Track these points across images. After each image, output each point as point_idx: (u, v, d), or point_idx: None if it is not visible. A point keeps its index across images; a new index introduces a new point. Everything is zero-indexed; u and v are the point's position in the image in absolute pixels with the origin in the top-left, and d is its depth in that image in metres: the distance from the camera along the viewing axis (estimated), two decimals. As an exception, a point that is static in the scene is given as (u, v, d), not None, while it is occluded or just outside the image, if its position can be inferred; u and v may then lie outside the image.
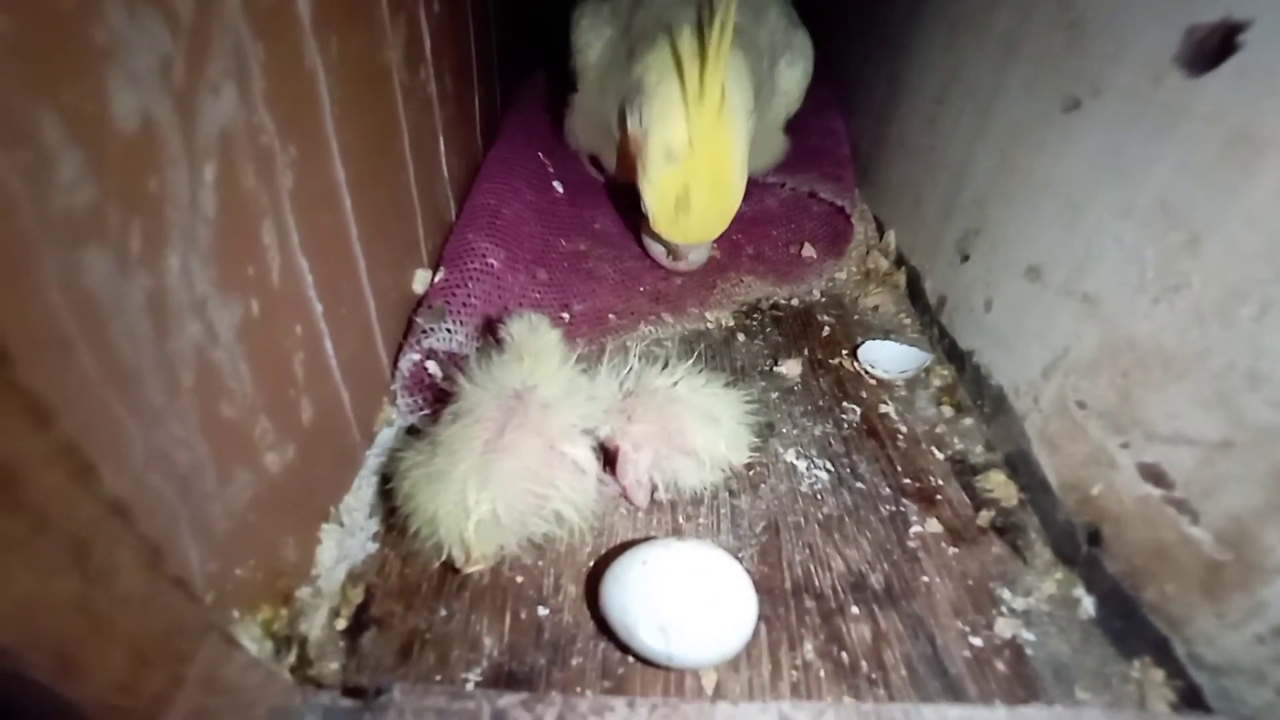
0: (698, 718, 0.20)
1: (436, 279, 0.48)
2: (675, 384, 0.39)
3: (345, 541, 0.35)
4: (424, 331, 0.43)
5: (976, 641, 0.33)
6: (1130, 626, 0.32)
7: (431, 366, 0.44)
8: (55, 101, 0.17)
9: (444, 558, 0.33)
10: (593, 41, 0.57)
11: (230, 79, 0.24)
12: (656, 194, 0.47)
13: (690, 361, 0.41)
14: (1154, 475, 0.31)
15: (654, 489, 0.38)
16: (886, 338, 0.54)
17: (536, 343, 0.37)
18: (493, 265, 0.52)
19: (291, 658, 0.28)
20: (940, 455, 0.45)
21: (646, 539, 0.33)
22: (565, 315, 0.56)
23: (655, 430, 0.37)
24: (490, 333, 0.39)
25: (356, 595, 0.33)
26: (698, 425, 0.37)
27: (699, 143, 0.46)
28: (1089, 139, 0.37)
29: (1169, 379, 0.31)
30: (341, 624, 0.32)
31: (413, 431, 0.40)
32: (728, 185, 0.48)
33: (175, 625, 0.15)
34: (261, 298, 0.27)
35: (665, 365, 0.40)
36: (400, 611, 0.33)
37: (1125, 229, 0.34)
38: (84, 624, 0.12)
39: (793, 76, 0.62)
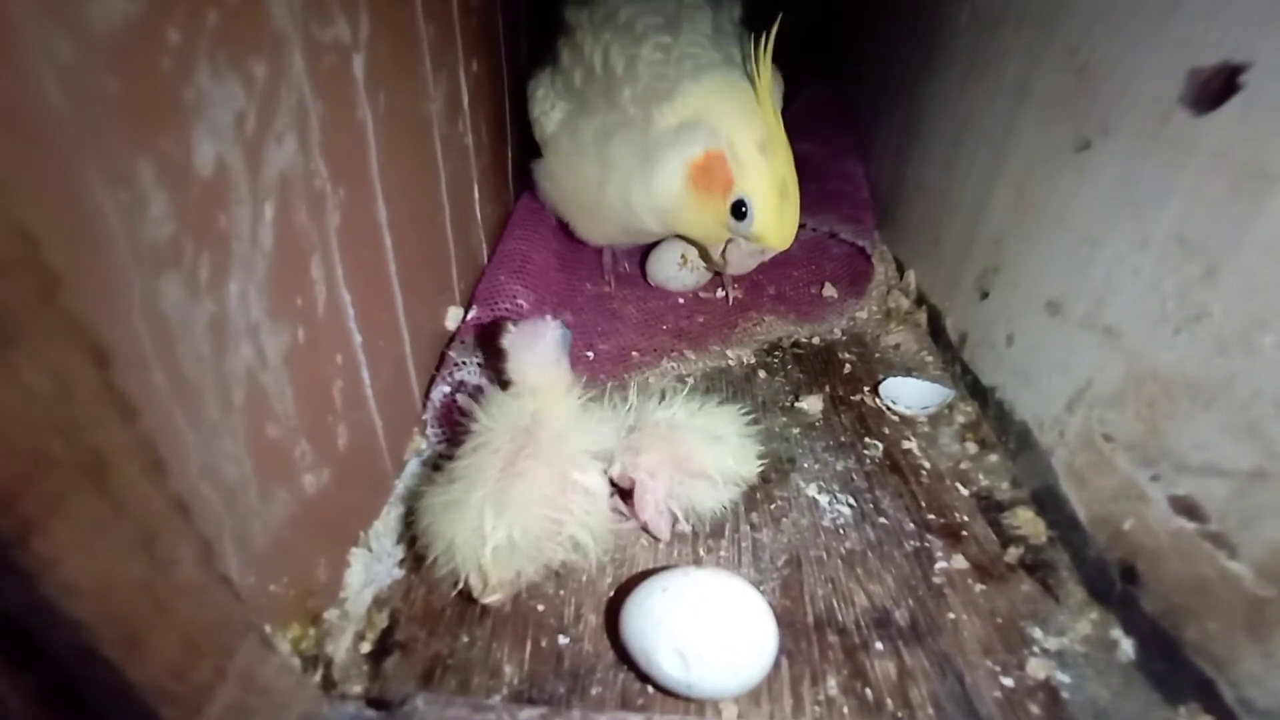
0: (715, 736, 0.20)
1: (469, 316, 0.50)
2: (673, 413, 0.39)
3: (373, 566, 0.36)
4: (456, 365, 0.45)
5: (1008, 682, 0.32)
6: (1173, 669, 0.31)
7: (461, 399, 0.46)
8: (151, 150, 0.19)
9: (461, 586, 0.33)
10: (549, 112, 0.59)
11: (292, 130, 0.27)
12: (766, 185, 0.49)
13: (685, 391, 0.42)
14: (1187, 508, 0.31)
15: (675, 520, 0.39)
16: (908, 375, 0.55)
17: (540, 374, 0.38)
18: (522, 306, 0.54)
19: (317, 677, 0.29)
20: (965, 491, 0.44)
21: (667, 568, 0.33)
22: (590, 354, 0.58)
23: (664, 458, 0.37)
24: (495, 357, 0.40)
25: (381, 620, 0.34)
26: (703, 446, 0.38)
27: (775, 139, 0.49)
28: (1102, 176, 0.38)
29: (1196, 409, 0.30)
30: (366, 647, 0.33)
31: (436, 467, 0.41)
32: (795, 180, 0.51)
33: (222, 619, 0.16)
34: (308, 327, 0.29)
35: (662, 398, 0.41)
36: (423, 637, 0.34)
37: (1143, 261, 0.34)
38: (149, 607, 0.14)
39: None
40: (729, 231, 0.51)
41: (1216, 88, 0.30)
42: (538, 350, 0.38)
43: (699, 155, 0.50)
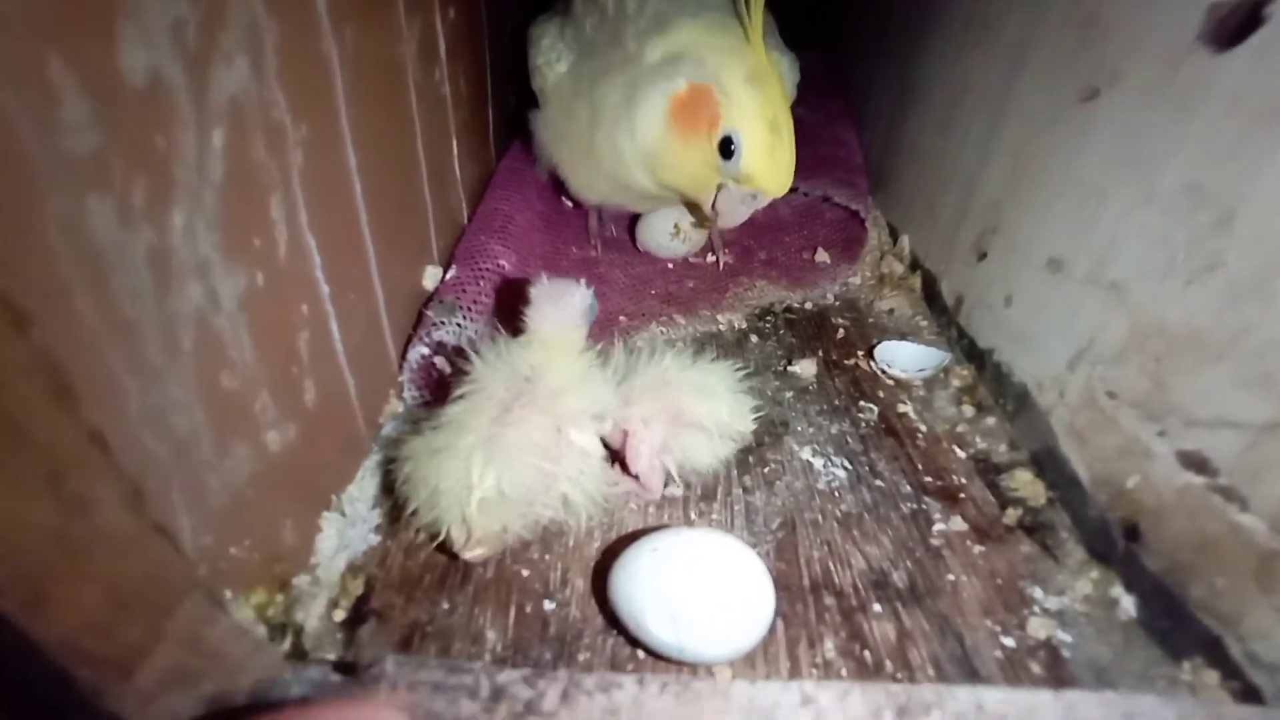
0: (711, 696, 0.18)
1: (448, 276, 0.48)
2: (664, 368, 0.37)
3: (346, 532, 0.34)
4: (434, 324, 0.43)
5: (1008, 641, 0.31)
6: (1177, 626, 0.30)
7: (440, 362, 0.44)
8: (62, 45, 0.16)
9: (442, 538, 0.32)
10: (553, 62, 0.56)
11: (243, 51, 0.24)
12: (753, 118, 0.45)
13: (675, 348, 0.40)
14: (1196, 463, 0.30)
15: (668, 476, 0.37)
16: (903, 339, 0.53)
17: (557, 329, 0.35)
18: (504, 266, 0.52)
19: (286, 645, 0.27)
20: (962, 454, 0.43)
21: (658, 528, 0.32)
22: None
23: (657, 409, 0.36)
24: (510, 308, 0.37)
25: (356, 587, 0.32)
26: (696, 400, 0.36)
27: (763, 76, 0.45)
28: (1108, 128, 0.37)
29: (1206, 361, 0.29)
30: (340, 615, 0.31)
31: (417, 423, 0.39)
32: (789, 121, 0.47)
33: (156, 574, 0.14)
34: (267, 270, 0.26)
35: (651, 354, 0.39)
36: (401, 604, 0.32)
37: (1150, 214, 0.33)
38: (57, 556, 0.12)
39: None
40: (718, 174, 0.46)
41: (1237, 22, 0.29)
42: (564, 306, 0.36)
43: (681, 88, 0.46)
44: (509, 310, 0.38)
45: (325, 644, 0.29)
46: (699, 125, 0.45)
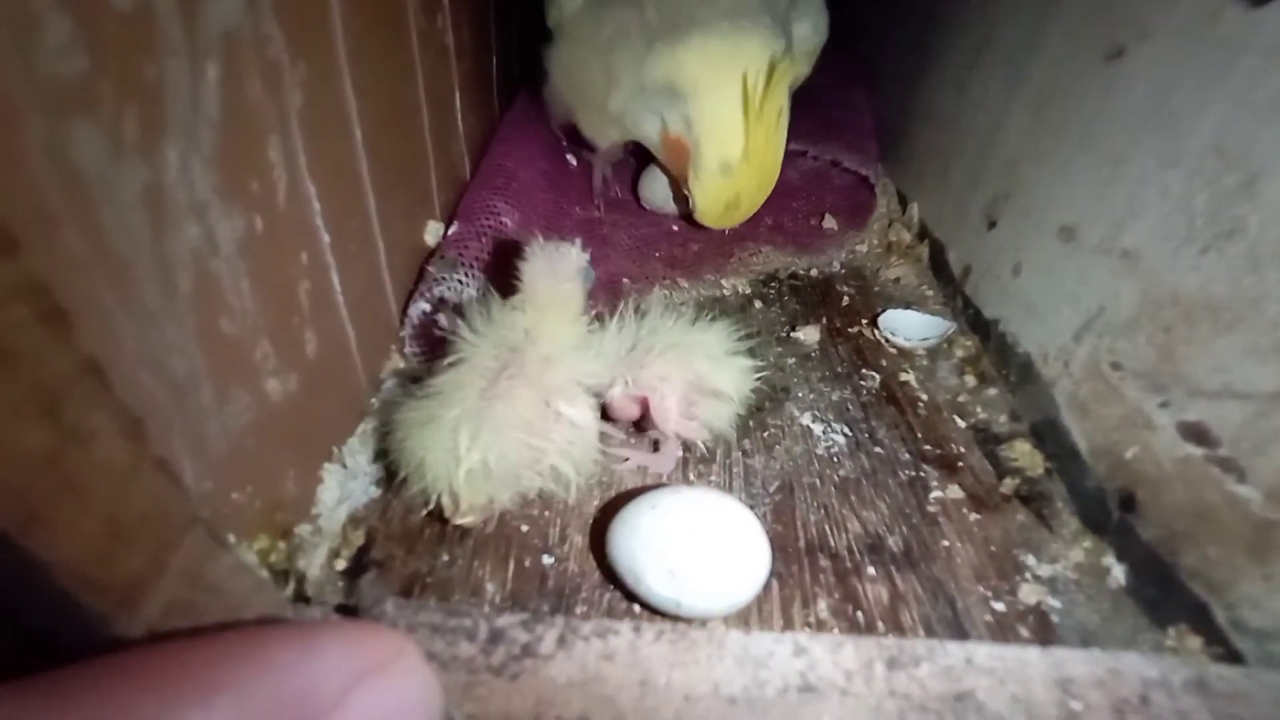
0: (706, 643, 0.19)
1: (450, 232, 0.47)
2: (669, 333, 0.37)
3: (348, 484, 0.34)
4: (435, 280, 0.42)
5: (999, 606, 0.32)
6: (1165, 594, 0.30)
7: (442, 319, 0.43)
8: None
9: (432, 506, 0.32)
10: None
11: (236, -20, 0.23)
12: (709, 201, 0.49)
13: (676, 312, 0.39)
14: (1196, 434, 0.29)
15: (690, 445, 0.37)
16: (908, 308, 0.53)
17: (551, 290, 0.34)
18: (506, 224, 0.51)
19: (288, 591, 0.28)
20: (962, 424, 0.43)
21: (657, 487, 0.32)
22: (578, 279, 0.55)
23: (673, 374, 0.36)
24: (504, 271, 0.37)
25: (357, 537, 0.33)
26: (710, 364, 0.36)
27: (754, 157, 0.47)
28: (1134, 88, 0.35)
29: (1218, 331, 0.29)
30: (341, 564, 0.31)
31: (415, 382, 0.39)
32: (772, 182, 0.51)
33: (157, 508, 0.14)
34: (266, 215, 0.26)
35: (654, 319, 0.38)
36: (401, 555, 0.32)
37: (1173, 178, 0.32)
38: (55, 482, 0.12)
39: (800, 34, 0.55)
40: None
41: (1277, -23, 0.28)
42: (559, 267, 0.35)
43: (669, 131, 0.49)
44: (504, 272, 0.37)
45: (326, 591, 0.30)
46: (682, 163, 0.50)
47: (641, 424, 0.39)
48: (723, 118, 0.46)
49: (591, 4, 0.54)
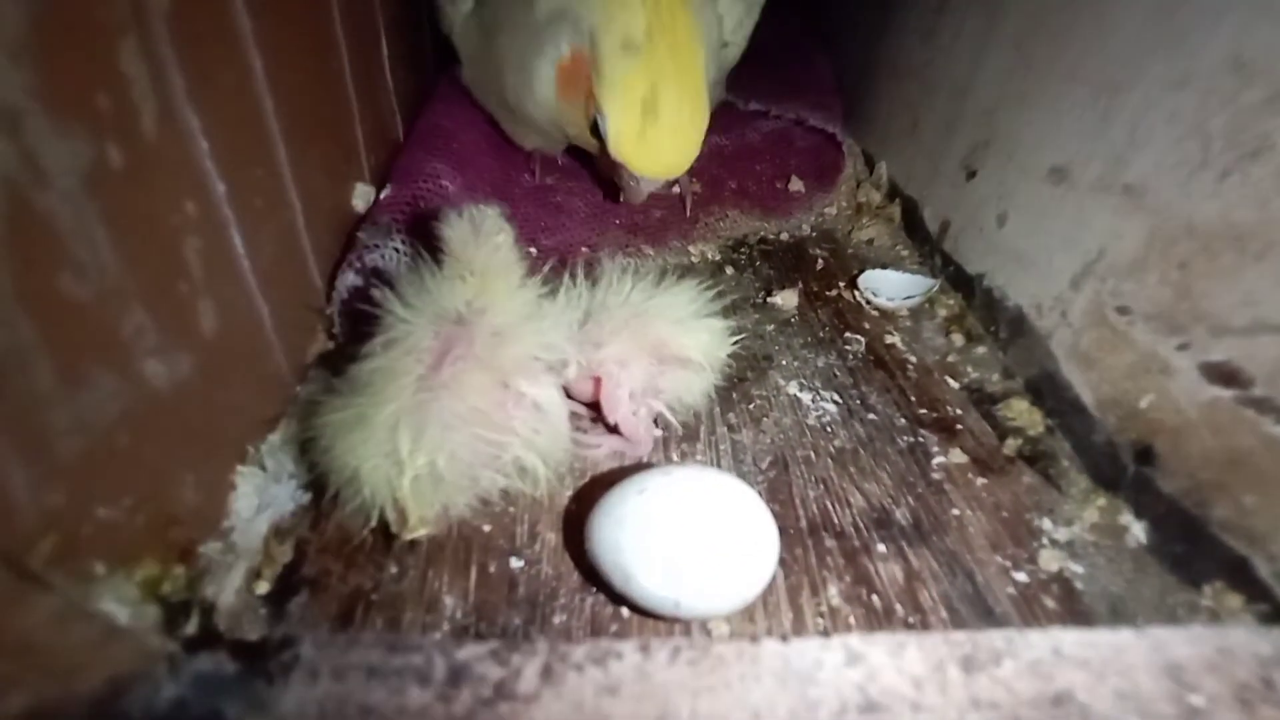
0: (737, 660, 0.14)
1: (383, 195, 0.41)
2: (627, 296, 0.32)
3: (269, 489, 0.28)
4: (367, 248, 0.36)
5: (1021, 577, 0.29)
6: (1194, 550, 0.28)
7: (376, 294, 0.37)
8: None
9: (374, 523, 0.26)
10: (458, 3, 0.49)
11: None
12: (619, 97, 0.38)
13: (635, 275, 0.34)
14: (1224, 375, 0.27)
15: (656, 422, 0.33)
16: (885, 269, 0.50)
17: (482, 252, 0.29)
18: (446, 187, 0.45)
19: (192, 626, 0.22)
20: (955, 385, 0.40)
21: (640, 469, 0.28)
22: (532, 249, 0.50)
23: (632, 347, 0.31)
24: (424, 240, 0.31)
25: (284, 553, 0.27)
26: (674, 329, 0.31)
27: (660, 32, 0.37)
28: (1132, 10, 0.33)
29: (1244, 261, 0.26)
30: (263, 587, 0.26)
31: (342, 370, 0.30)
32: (697, 84, 0.39)
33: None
34: (125, 145, 0.20)
35: (610, 284, 0.33)
36: (339, 570, 0.27)
37: (1182, 101, 0.30)
38: None
39: (726, 5, 0.49)
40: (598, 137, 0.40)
41: None
42: (481, 225, 0.30)
43: (565, 55, 0.40)
44: (427, 243, 0.31)
45: (245, 622, 0.24)
46: (580, 98, 0.40)
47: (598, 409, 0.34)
48: None
49: (478, 7, 0.48)
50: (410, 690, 0.13)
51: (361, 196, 0.40)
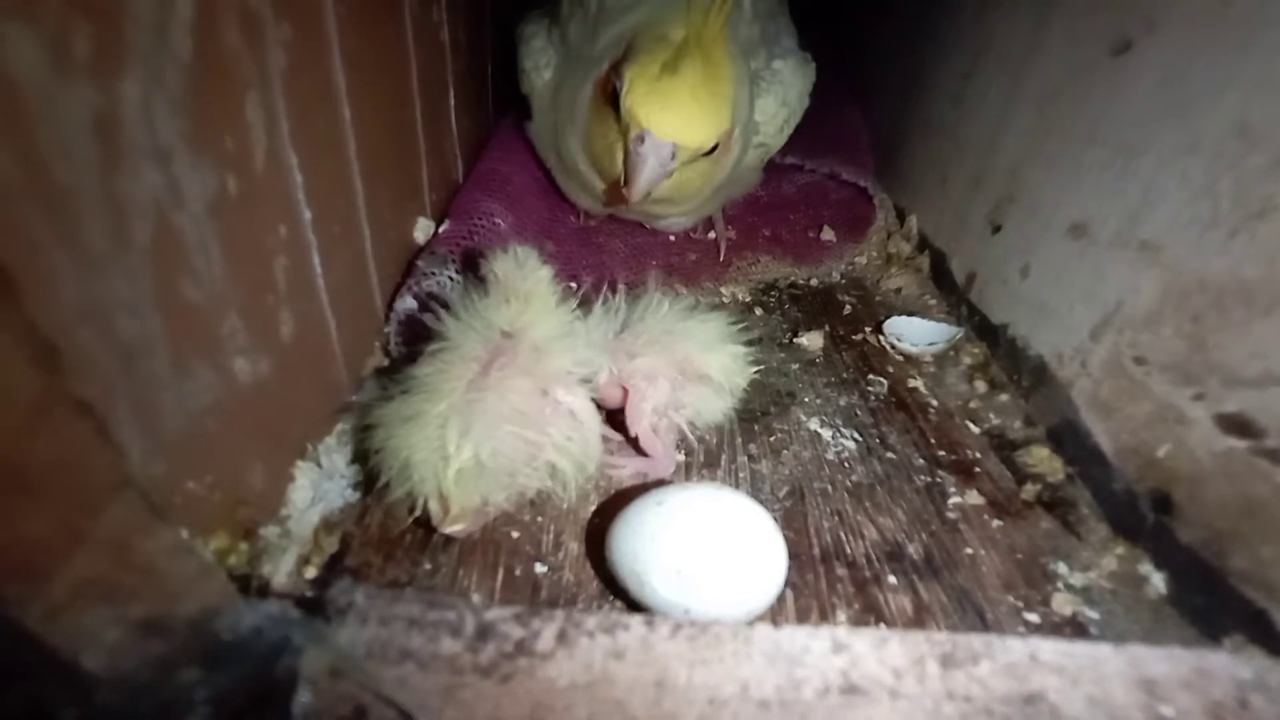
0: (732, 639, 0.16)
1: (442, 229, 0.45)
2: (664, 315, 0.35)
3: (322, 484, 0.31)
4: (424, 275, 0.40)
5: (1032, 617, 0.29)
6: (1214, 601, 0.28)
7: (429, 319, 0.41)
8: None
9: (419, 513, 0.29)
10: (540, 67, 0.50)
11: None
12: (640, 55, 0.38)
13: (672, 298, 0.37)
14: (1238, 426, 0.28)
15: (679, 437, 0.34)
16: (912, 316, 0.51)
17: (525, 282, 0.33)
18: (499, 225, 0.49)
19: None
20: (976, 430, 0.41)
21: (660, 484, 0.29)
22: (574, 284, 0.53)
23: (662, 362, 0.33)
24: (474, 271, 0.35)
25: (330, 544, 0.30)
26: (701, 350, 0.34)
27: (694, 40, 0.38)
28: (1144, 78, 0.35)
29: (1254, 315, 0.27)
30: (311, 572, 0.28)
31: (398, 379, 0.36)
32: (723, 75, 0.39)
33: (74, 459, 0.12)
34: (241, 177, 0.24)
35: (650, 303, 0.36)
36: (379, 563, 0.29)
37: (1192, 164, 0.31)
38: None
39: (764, 108, 0.50)
40: (618, 132, 0.40)
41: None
42: (525, 259, 0.33)
43: (604, 70, 0.42)
44: (477, 276, 0.35)
45: (292, 601, 0.27)
46: (607, 90, 0.41)
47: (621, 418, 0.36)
48: (673, 19, 0.41)
49: (557, 72, 0.50)
50: (444, 640, 0.15)
51: (422, 230, 0.44)
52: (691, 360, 0.33)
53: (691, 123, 0.39)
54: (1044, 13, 0.44)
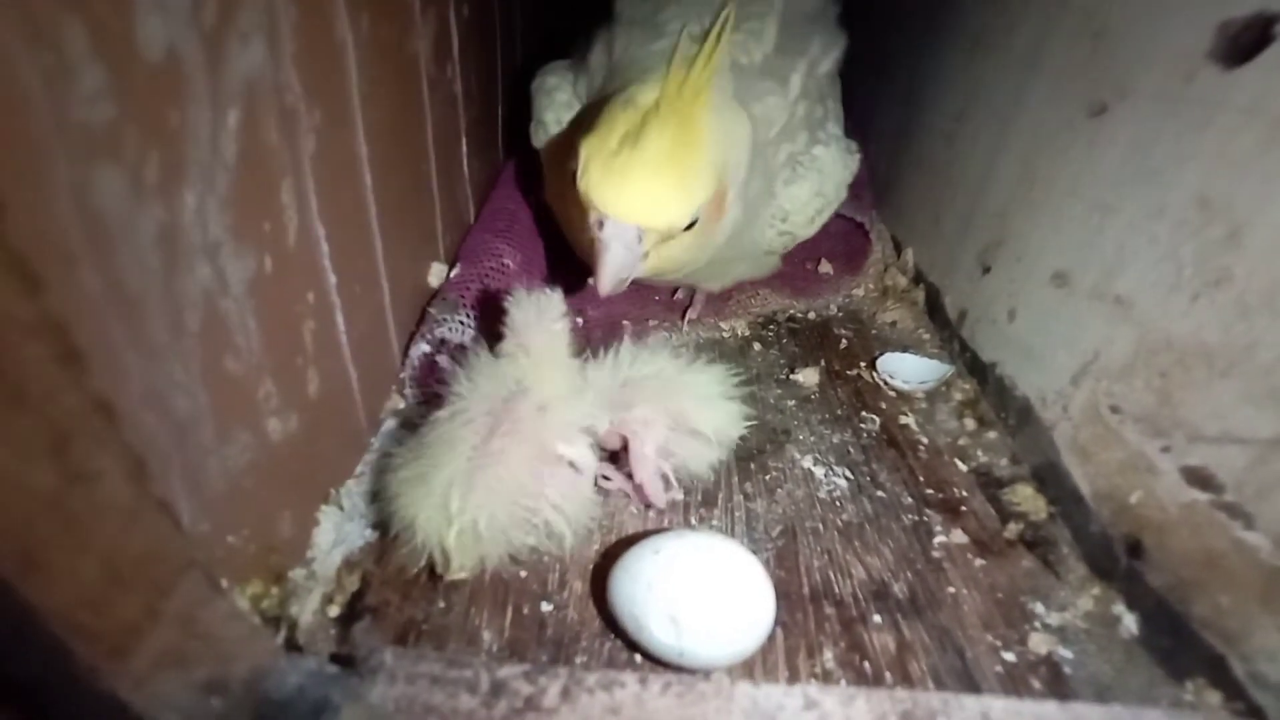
0: (715, 696, 0.18)
1: (452, 274, 0.47)
2: (662, 368, 0.37)
3: (344, 526, 0.33)
4: (436, 322, 0.43)
5: (1009, 656, 0.31)
6: (1179, 644, 0.30)
7: (442, 360, 0.43)
8: (80, 12, 0.16)
9: (424, 563, 0.31)
10: (563, 118, 0.46)
11: (260, 32, 0.24)
12: (599, 127, 0.34)
13: (673, 348, 0.39)
14: (1200, 479, 0.29)
15: (669, 484, 0.37)
16: (906, 352, 0.53)
17: (540, 336, 0.34)
18: (508, 266, 0.52)
19: (280, 639, 0.27)
20: (964, 467, 0.43)
21: (658, 531, 0.32)
22: (579, 320, 0.56)
23: (657, 412, 0.35)
24: (494, 320, 0.36)
25: (352, 583, 0.32)
26: (696, 405, 0.36)
27: (669, 100, 0.34)
28: (1117, 142, 0.37)
29: (1213, 376, 0.29)
30: (335, 610, 0.30)
31: (413, 428, 0.36)
32: (696, 140, 0.34)
33: (155, 550, 0.14)
34: (275, 256, 0.26)
35: (650, 354, 0.38)
36: (396, 601, 0.31)
37: (1159, 228, 0.33)
38: (57, 524, 0.11)
39: (796, 195, 0.47)
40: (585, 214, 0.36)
41: (1249, 40, 0.29)
42: (545, 309, 0.34)
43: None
44: (493, 319, 0.36)
45: (319, 639, 0.29)
46: (567, 170, 0.37)
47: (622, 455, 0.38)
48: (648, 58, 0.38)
49: (574, 126, 0.47)
50: (462, 696, 0.17)
51: (436, 274, 0.47)
52: (686, 414, 0.35)
53: (657, 201, 0.34)
54: (1028, 69, 0.46)
